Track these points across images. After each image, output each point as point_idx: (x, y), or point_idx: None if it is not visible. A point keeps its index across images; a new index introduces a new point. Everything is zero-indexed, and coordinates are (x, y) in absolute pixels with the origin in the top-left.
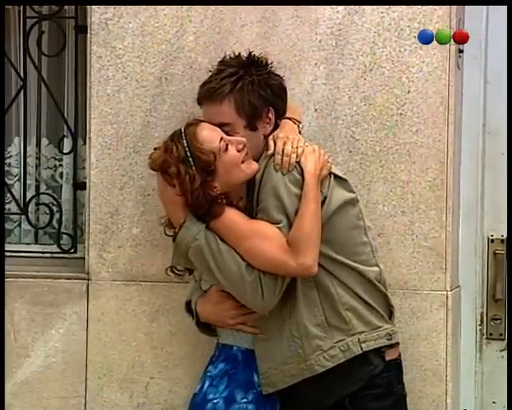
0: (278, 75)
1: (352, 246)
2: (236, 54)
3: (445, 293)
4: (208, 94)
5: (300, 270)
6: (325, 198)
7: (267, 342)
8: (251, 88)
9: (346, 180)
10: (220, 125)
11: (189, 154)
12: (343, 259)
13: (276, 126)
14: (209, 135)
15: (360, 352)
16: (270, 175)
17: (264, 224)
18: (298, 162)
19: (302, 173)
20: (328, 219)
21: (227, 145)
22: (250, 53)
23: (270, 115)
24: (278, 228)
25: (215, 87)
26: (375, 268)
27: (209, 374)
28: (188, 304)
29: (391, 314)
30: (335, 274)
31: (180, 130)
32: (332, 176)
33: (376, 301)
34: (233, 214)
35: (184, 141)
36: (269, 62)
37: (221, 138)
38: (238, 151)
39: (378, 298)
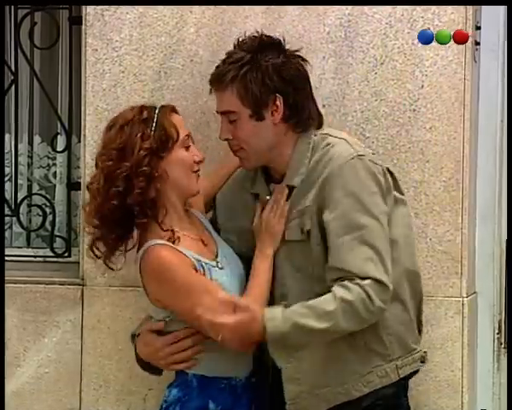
0: (298, 57)
1: None
2: (253, 35)
3: (460, 300)
4: (214, 79)
5: None
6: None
7: (297, 364)
8: (254, 76)
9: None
10: (226, 113)
11: (154, 124)
12: None
13: (286, 115)
14: (181, 121)
15: (397, 379)
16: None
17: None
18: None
19: None
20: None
21: (189, 146)
22: (261, 35)
23: (277, 103)
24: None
25: (220, 73)
26: None
27: (164, 399)
28: (133, 337)
29: (420, 331)
30: None
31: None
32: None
33: (415, 319)
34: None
35: (157, 111)
36: (284, 45)
37: (188, 135)
38: (195, 162)
39: (416, 316)
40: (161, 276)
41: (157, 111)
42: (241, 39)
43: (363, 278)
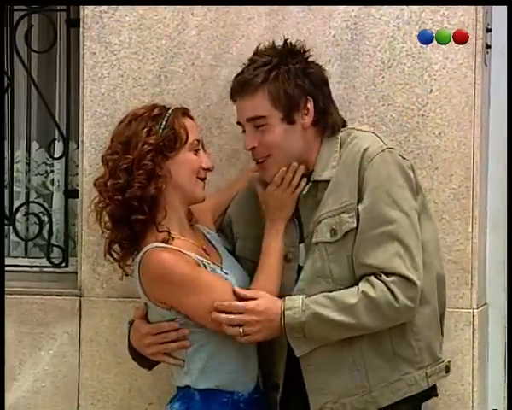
0: (318, 64)
1: None
2: (271, 43)
3: (471, 311)
4: (240, 86)
5: None
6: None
7: (322, 373)
8: (286, 77)
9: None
10: (255, 119)
11: (164, 122)
12: None
13: (316, 118)
14: (192, 126)
15: (427, 387)
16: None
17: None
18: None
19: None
20: None
21: (198, 150)
22: (286, 40)
23: (308, 106)
24: None
25: (247, 78)
26: None
27: None
28: (130, 324)
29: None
30: None
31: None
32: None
33: (440, 326)
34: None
35: (169, 111)
36: (306, 50)
37: (199, 141)
38: (202, 168)
39: (441, 324)
40: (165, 278)
41: (169, 111)
42: (260, 47)
43: (389, 274)
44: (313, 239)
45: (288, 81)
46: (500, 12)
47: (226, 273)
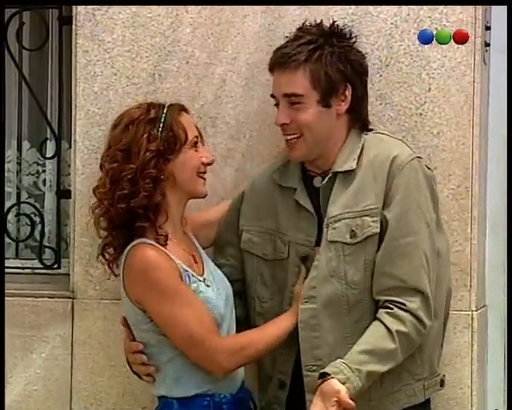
0: (360, 52)
1: None
2: (318, 22)
3: (470, 313)
4: (282, 60)
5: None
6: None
7: None
8: (329, 59)
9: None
10: (291, 96)
11: (162, 125)
12: None
13: (351, 106)
14: (189, 122)
15: (423, 400)
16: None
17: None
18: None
19: None
20: None
21: (197, 145)
22: (333, 22)
23: (346, 93)
24: None
25: (290, 53)
26: None
27: None
28: None
29: None
30: None
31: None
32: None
33: (443, 339)
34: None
35: (165, 110)
36: (353, 36)
37: (197, 136)
38: (202, 163)
39: (443, 337)
40: (144, 275)
41: (165, 110)
42: (305, 23)
43: (413, 294)
44: (329, 237)
45: (331, 64)
46: (499, 10)
47: (208, 286)
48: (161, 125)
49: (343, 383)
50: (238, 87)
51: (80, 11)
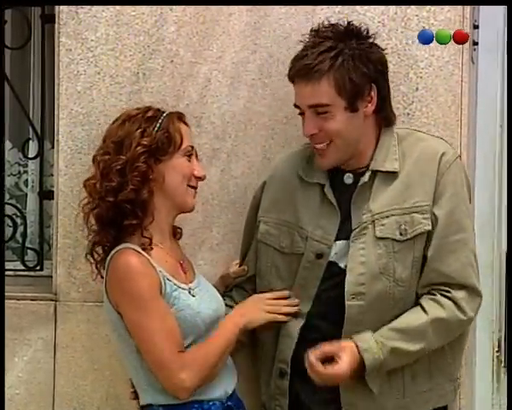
0: (378, 47)
1: None
2: (331, 23)
3: None
4: (304, 71)
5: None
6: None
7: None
8: (352, 64)
9: None
10: (317, 106)
11: (158, 125)
12: None
13: (378, 106)
14: (187, 131)
15: (452, 401)
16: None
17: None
18: None
19: None
20: None
21: (191, 156)
22: (349, 23)
23: (372, 93)
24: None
25: (312, 64)
26: None
27: None
28: None
29: None
30: None
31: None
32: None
33: None
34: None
35: (164, 114)
36: (370, 34)
37: (192, 147)
38: (194, 176)
39: None
40: (124, 282)
41: (164, 114)
42: (319, 28)
43: (460, 288)
44: (378, 233)
45: (354, 68)
46: (487, 9)
47: (193, 296)
48: (158, 124)
49: (364, 351)
50: (223, 86)
51: (63, 9)
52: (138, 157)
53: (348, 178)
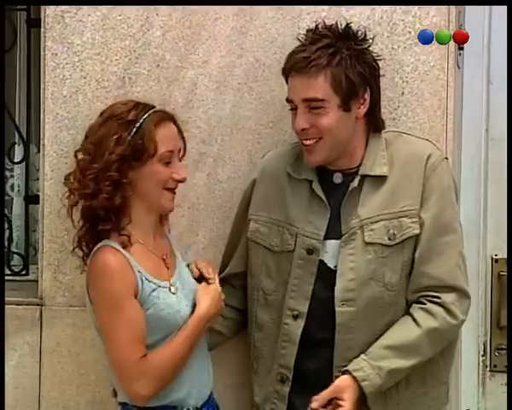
0: (373, 52)
1: None
2: (330, 24)
3: None
4: (301, 64)
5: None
6: None
7: None
8: (349, 63)
9: None
10: (311, 101)
11: (135, 130)
12: None
13: (369, 110)
14: (168, 135)
15: (446, 403)
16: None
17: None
18: None
19: None
20: None
21: (169, 162)
22: (347, 24)
23: (365, 96)
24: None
25: (310, 57)
26: None
27: None
28: None
29: None
30: None
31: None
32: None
33: None
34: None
35: (145, 116)
36: (367, 38)
37: (172, 151)
38: (172, 179)
39: None
40: (98, 280)
41: (145, 116)
42: (317, 27)
43: (450, 290)
44: (366, 239)
45: (351, 67)
46: (473, 12)
47: (174, 293)
48: (134, 130)
49: (362, 381)
50: (209, 91)
51: (49, 14)
52: (110, 166)
53: (337, 178)
